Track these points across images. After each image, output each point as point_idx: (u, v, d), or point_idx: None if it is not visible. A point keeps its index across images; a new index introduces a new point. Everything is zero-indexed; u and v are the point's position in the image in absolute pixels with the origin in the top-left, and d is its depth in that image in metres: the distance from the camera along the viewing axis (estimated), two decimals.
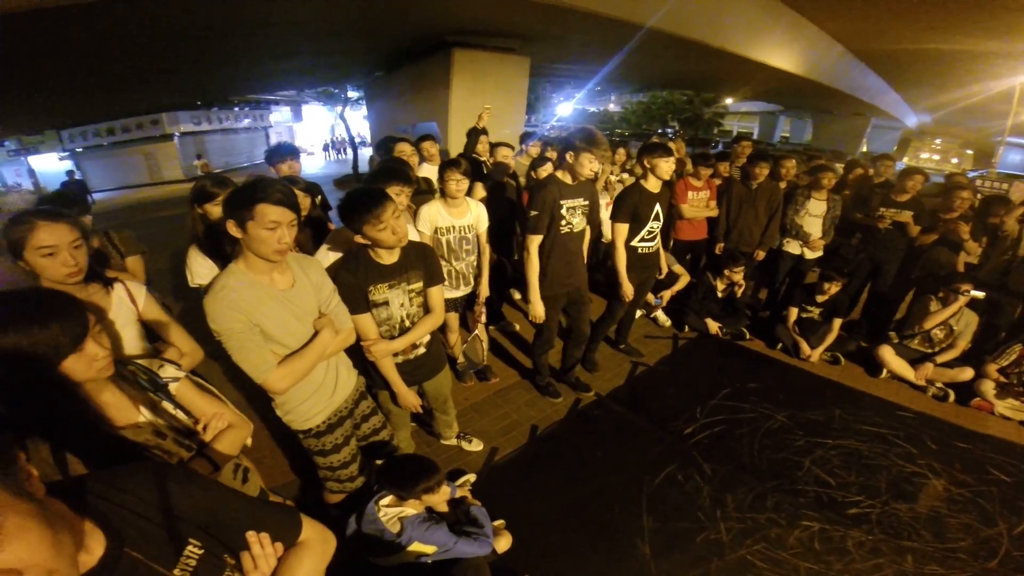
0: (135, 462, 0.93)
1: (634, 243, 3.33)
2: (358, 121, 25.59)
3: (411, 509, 1.81)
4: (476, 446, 2.89)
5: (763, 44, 10.48)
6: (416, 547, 1.75)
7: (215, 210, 2.09)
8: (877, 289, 4.44)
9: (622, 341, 4.06)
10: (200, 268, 2.05)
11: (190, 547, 0.81)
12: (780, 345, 4.19)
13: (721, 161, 4.56)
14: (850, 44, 12.94)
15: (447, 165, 2.81)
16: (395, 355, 2.10)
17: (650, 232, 3.34)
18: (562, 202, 2.74)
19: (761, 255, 4.43)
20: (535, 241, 2.77)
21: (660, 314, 4.58)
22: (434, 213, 2.81)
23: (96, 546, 0.71)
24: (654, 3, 7.65)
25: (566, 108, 28.36)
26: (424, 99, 11.11)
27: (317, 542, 1.03)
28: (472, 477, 2.56)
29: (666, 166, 3.14)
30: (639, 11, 7.50)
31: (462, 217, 2.86)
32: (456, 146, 8.16)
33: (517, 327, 4.33)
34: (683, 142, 6.73)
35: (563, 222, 2.78)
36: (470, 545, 1.86)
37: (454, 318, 3.20)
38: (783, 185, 4.40)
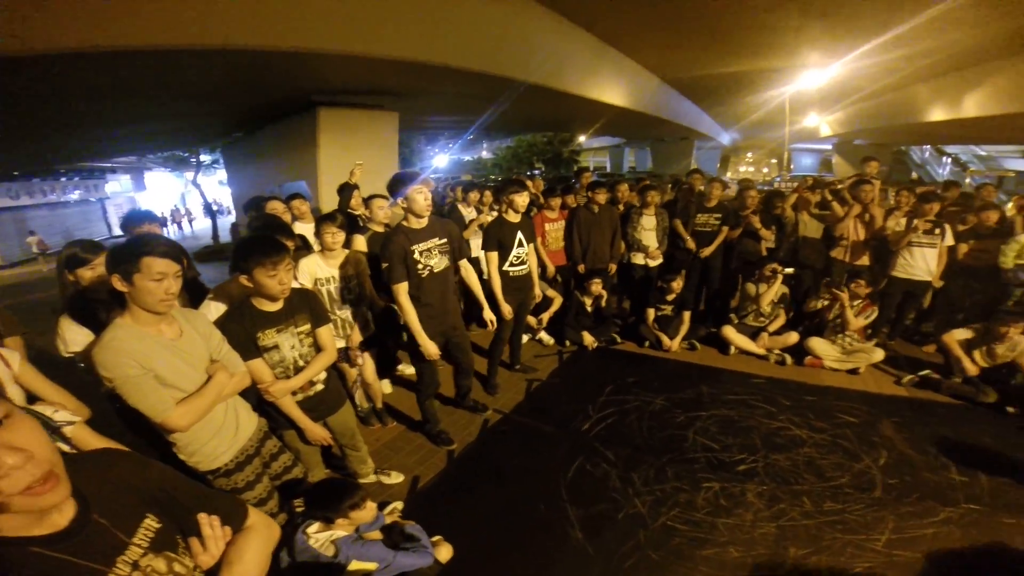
0: (94, 449, 0.98)
1: (505, 268, 3.73)
2: (213, 187, 23.80)
3: (341, 531, 1.84)
4: (396, 478, 2.94)
5: (595, 83, 11.75)
6: (356, 565, 1.78)
7: (88, 275, 2.08)
8: (711, 282, 5.32)
9: (516, 362, 4.38)
10: (74, 336, 1.97)
11: (148, 520, 0.87)
12: (647, 343, 4.81)
13: (567, 194, 5.20)
14: (664, 75, 14.92)
15: (323, 219, 2.95)
16: (295, 394, 2.17)
17: (517, 257, 3.75)
18: (413, 248, 2.81)
19: (613, 268, 5.09)
20: (402, 288, 2.83)
21: (544, 335, 5.02)
22: (313, 265, 2.92)
23: (68, 509, 0.78)
24: (507, 55, 8.41)
25: (442, 159, 29.13)
26: (291, 158, 10.83)
27: (263, 527, 1.09)
28: (399, 504, 2.60)
29: (520, 200, 3.63)
30: (494, 64, 8.16)
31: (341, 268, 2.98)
32: (328, 203, 8.06)
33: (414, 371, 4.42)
34: (542, 180, 7.46)
35: (420, 266, 2.86)
36: (410, 557, 1.92)
37: (346, 367, 3.23)
38: (620, 208, 5.17)
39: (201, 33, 4.90)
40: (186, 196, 26.67)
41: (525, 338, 4.83)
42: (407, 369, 4.37)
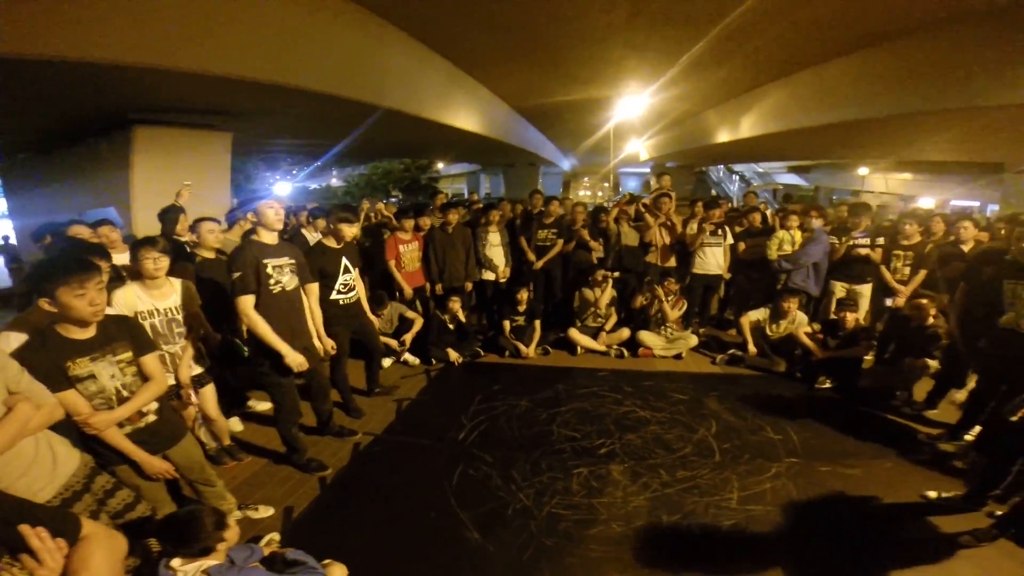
0: None
1: (335, 297, 3.52)
2: None
3: (210, 560, 1.67)
4: (265, 512, 2.72)
5: (451, 109, 11.91)
6: None
7: None
8: (554, 291, 5.88)
9: (375, 386, 4.25)
10: None
11: None
12: (507, 352, 5.13)
13: (420, 216, 5.32)
14: (512, 103, 15.72)
15: (141, 244, 2.61)
16: (122, 426, 1.97)
17: (345, 285, 3.58)
18: (265, 261, 2.73)
19: (469, 286, 5.36)
20: (248, 301, 2.68)
21: (408, 356, 5.02)
22: (131, 297, 2.54)
23: None
24: (360, 78, 8.12)
25: (284, 187, 26.84)
26: (96, 182, 9.11)
27: (103, 536, 1.02)
28: (276, 535, 2.39)
29: (348, 231, 3.52)
30: (345, 86, 7.81)
31: (166, 299, 2.66)
32: (144, 231, 6.93)
33: (269, 406, 4.09)
34: (395, 206, 7.50)
35: (271, 281, 2.76)
36: None
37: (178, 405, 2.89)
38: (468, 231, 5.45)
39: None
40: None
41: (388, 362, 4.81)
42: (259, 404, 4.05)
